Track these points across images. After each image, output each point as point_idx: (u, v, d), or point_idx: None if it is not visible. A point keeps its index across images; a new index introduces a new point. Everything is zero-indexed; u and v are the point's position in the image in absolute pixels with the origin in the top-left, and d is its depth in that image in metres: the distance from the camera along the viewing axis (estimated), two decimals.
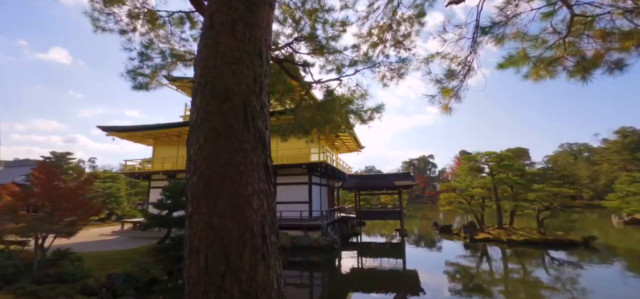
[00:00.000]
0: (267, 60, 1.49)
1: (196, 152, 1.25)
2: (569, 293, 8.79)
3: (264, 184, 1.26)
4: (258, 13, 1.47)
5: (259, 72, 1.39)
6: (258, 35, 1.44)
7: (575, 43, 3.21)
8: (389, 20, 4.83)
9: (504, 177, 18.54)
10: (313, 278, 11.67)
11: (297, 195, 17.50)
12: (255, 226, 1.15)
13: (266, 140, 1.34)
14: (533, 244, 15.76)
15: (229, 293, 1.04)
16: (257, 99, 1.34)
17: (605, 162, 51.20)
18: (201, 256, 1.10)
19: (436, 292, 9.16)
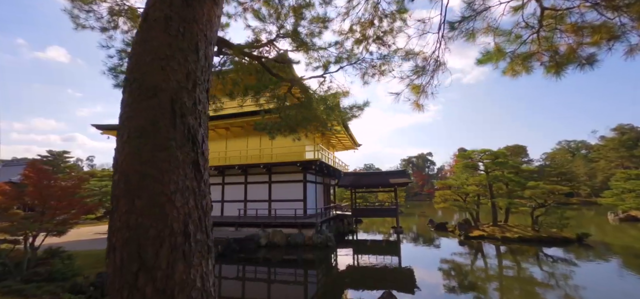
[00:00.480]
0: (206, 55, 1.47)
1: (119, 150, 1.23)
2: (560, 289, 8.81)
3: (191, 181, 1.24)
4: (196, 8, 1.45)
5: (193, 68, 1.37)
6: (195, 31, 1.41)
7: (550, 38, 3.19)
8: (370, 16, 4.80)
9: (498, 174, 18.56)
10: (307, 275, 11.68)
11: (291, 193, 17.50)
12: (176, 224, 1.14)
13: (198, 137, 1.32)
14: (527, 241, 15.81)
15: (142, 291, 1.03)
16: (188, 95, 1.32)
17: (603, 159, 51.34)
18: (117, 255, 1.09)
19: (427, 288, 9.18)
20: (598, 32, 2.64)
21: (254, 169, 18.23)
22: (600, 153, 53.07)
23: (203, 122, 1.37)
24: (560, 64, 3.24)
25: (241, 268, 12.46)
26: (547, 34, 3.21)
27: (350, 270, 12.01)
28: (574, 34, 2.88)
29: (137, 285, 1.03)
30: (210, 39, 1.50)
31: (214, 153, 19.35)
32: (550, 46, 3.11)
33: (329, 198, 23.59)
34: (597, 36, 2.62)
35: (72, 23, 5.20)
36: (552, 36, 3.10)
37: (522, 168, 19.18)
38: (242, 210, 18.19)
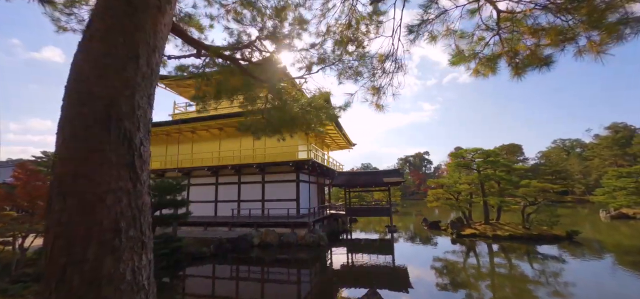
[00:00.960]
0: (149, 62, 1.55)
1: (56, 153, 1.31)
2: (546, 284, 8.96)
3: (126, 182, 1.32)
4: (139, 18, 1.53)
5: (133, 76, 1.45)
6: (136, 40, 1.50)
7: (514, 40, 3.29)
8: (347, 18, 4.90)
9: (490, 173, 18.73)
10: (298, 275, 11.78)
11: (285, 193, 17.59)
12: (107, 221, 1.22)
13: (135, 140, 1.40)
14: (517, 239, 15.99)
15: (69, 283, 1.11)
16: (126, 101, 1.40)
17: (597, 157, 51.80)
18: (49, 250, 1.18)
19: (416, 285, 9.30)
20: (550, 35, 2.75)
21: (247, 169, 18.30)
22: (594, 151, 53.55)
23: (142, 126, 1.46)
24: (521, 66, 3.36)
25: (233, 267, 12.52)
26: (510, 36, 3.32)
27: (343, 269, 12.11)
28: (531, 36, 2.99)
29: (65, 277, 1.12)
30: (154, 47, 1.58)
31: (207, 153, 19.41)
32: (511, 49, 3.21)
33: (323, 198, 23.70)
34: (548, 38, 2.73)
35: (54, 26, 5.25)
36: (514, 38, 3.21)
37: (514, 167, 19.36)
38: (236, 210, 18.26)
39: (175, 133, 20.22)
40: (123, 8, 1.50)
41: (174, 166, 19.90)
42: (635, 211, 24.14)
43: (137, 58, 1.48)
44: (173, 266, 11.68)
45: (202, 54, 4.69)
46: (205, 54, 4.53)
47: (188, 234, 16.03)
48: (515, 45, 3.13)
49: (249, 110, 6.43)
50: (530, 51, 3.14)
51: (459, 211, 19.21)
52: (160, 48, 1.64)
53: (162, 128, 19.38)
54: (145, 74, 1.51)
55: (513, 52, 3.20)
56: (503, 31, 3.09)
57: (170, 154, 20.73)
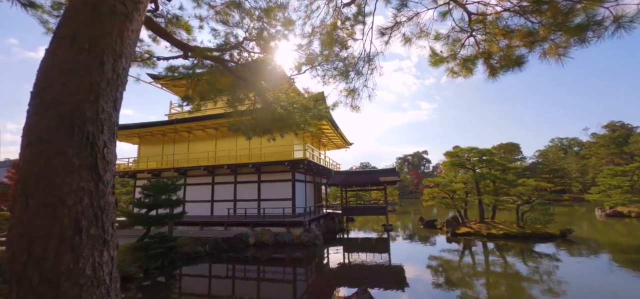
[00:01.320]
0: (115, 68, 1.61)
1: (20, 156, 1.38)
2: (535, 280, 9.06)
3: (88, 183, 1.39)
4: (106, 24, 1.59)
5: (97, 81, 1.52)
6: (101, 46, 1.56)
7: (486, 41, 3.36)
8: (333, 18, 4.96)
9: (485, 172, 18.83)
10: (291, 273, 11.85)
11: (280, 192, 17.67)
12: (67, 220, 1.29)
13: (98, 143, 1.47)
14: (511, 237, 16.08)
15: (29, 279, 1.18)
16: (91, 106, 1.47)
17: (594, 156, 51.97)
18: (11, 249, 1.25)
19: (410, 283, 9.39)
20: (520, 36, 2.82)
21: (243, 169, 18.36)
22: (591, 150, 53.75)
23: (106, 129, 1.52)
24: (496, 68, 3.43)
25: (228, 267, 12.58)
26: (483, 38, 3.39)
27: (338, 268, 12.19)
28: (503, 37, 3.06)
29: (25, 274, 1.19)
30: (121, 53, 1.65)
31: (203, 153, 19.46)
32: (485, 50, 3.28)
33: (320, 197, 23.78)
34: (517, 40, 2.80)
35: (43, 28, 5.31)
36: (487, 40, 3.28)
37: (508, 166, 19.46)
38: (232, 209, 18.32)
39: (171, 133, 20.26)
40: (89, 15, 1.56)
41: (170, 165, 19.95)
42: (630, 209, 24.30)
43: (103, 64, 1.55)
44: (168, 265, 11.74)
45: (189, 55, 4.75)
46: (192, 55, 4.59)
47: (184, 234, 16.10)
48: (490, 46, 3.20)
49: (237, 110, 6.51)
50: (503, 53, 3.22)
51: (455, 210, 19.31)
52: (127, 54, 1.71)
53: (158, 128, 19.42)
54: (110, 79, 1.57)
55: (488, 53, 3.27)
56: (477, 33, 3.16)
57: (167, 154, 20.77)
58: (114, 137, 1.62)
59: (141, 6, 1.82)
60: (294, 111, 5.10)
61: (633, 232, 18.97)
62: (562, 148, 66.77)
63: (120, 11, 1.66)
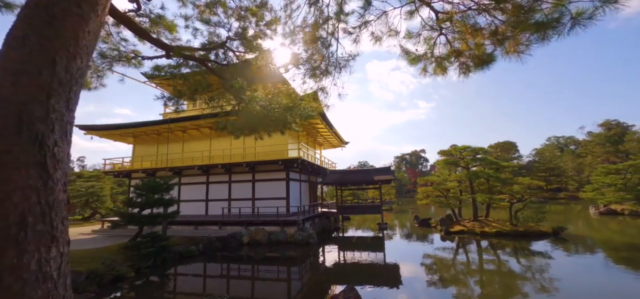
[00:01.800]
0: (68, 68, 1.65)
1: None
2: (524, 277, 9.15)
3: (35, 181, 1.43)
4: (59, 25, 1.63)
5: (48, 81, 1.55)
6: (54, 47, 1.59)
7: (454, 40, 3.41)
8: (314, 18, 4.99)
9: (479, 170, 18.93)
10: (282, 272, 11.89)
11: (274, 191, 17.70)
12: (12, 216, 1.33)
13: (48, 141, 1.51)
14: (504, 235, 16.20)
15: None
16: (41, 106, 1.50)
17: (590, 154, 52.22)
18: None
19: (402, 280, 9.46)
20: (484, 35, 2.87)
21: (237, 168, 18.38)
22: (587, 149, 54.03)
23: (58, 129, 1.56)
24: (469, 66, 3.48)
25: (221, 266, 12.61)
26: (453, 37, 3.43)
27: (331, 266, 12.25)
28: (471, 36, 3.10)
29: None
30: (75, 53, 1.68)
31: (198, 153, 19.46)
32: (456, 50, 3.33)
33: (315, 196, 23.83)
34: (481, 39, 2.85)
35: None
36: (456, 38, 3.32)
37: (502, 164, 19.55)
38: (226, 209, 18.34)
39: (166, 132, 20.25)
40: (42, 17, 1.60)
41: (165, 165, 19.94)
42: (624, 207, 24.48)
43: (54, 64, 1.58)
44: (160, 264, 11.76)
45: (170, 54, 4.78)
46: (173, 55, 4.62)
47: (179, 233, 16.12)
48: (461, 45, 3.25)
49: (223, 110, 6.54)
50: (473, 51, 3.26)
51: (449, 209, 19.42)
52: (83, 54, 1.74)
53: (152, 127, 19.40)
54: (62, 79, 1.61)
55: (459, 52, 3.32)
56: (446, 31, 3.21)
57: (162, 154, 20.76)
58: (67, 136, 1.66)
59: (99, 7, 1.85)
60: (273, 110, 5.13)
61: (625, 229, 19.13)
62: (559, 147, 67.09)
63: (75, 12, 1.70)
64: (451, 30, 3.13)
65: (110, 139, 21.63)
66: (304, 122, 19.55)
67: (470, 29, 2.99)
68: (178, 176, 19.75)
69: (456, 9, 2.90)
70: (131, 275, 10.33)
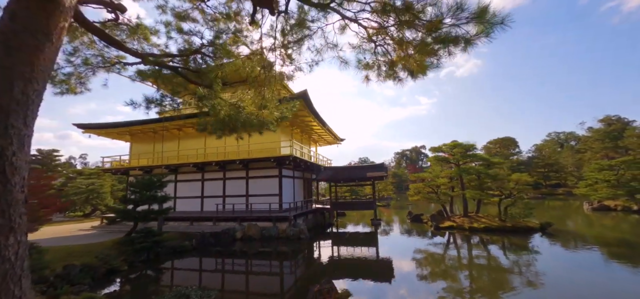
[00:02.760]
0: (24, 91, 1.98)
1: None
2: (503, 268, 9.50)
3: None
4: (17, 55, 1.97)
5: (7, 103, 1.90)
6: (12, 74, 1.94)
7: (394, 50, 3.73)
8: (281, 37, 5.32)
9: (469, 167, 19.20)
10: (269, 265, 12.32)
11: (268, 188, 18.11)
12: None
13: (7, 153, 1.86)
14: (492, 231, 16.52)
15: None
16: (0, 123, 1.86)
17: (589, 150, 52.11)
18: None
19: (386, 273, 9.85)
20: (409, 46, 3.19)
21: (231, 165, 18.79)
22: (587, 144, 53.88)
23: (16, 141, 1.92)
24: (412, 71, 3.80)
25: (213, 260, 13.04)
26: (389, 48, 3.75)
27: (318, 260, 12.67)
28: (399, 47, 3.42)
29: None
30: (31, 78, 2.03)
31: (193, 150, 19.88)
32: (391, 59, 3.65)
33: (310, 192, 24.22)
34: (410, 49, 3.17)
35: None
36: (393, 48, 3.64)
37: (493, 160, 19.81)
38: (221, 205, 18.79)
39: (162, 131, 20.69)
40: (1, 49, 1.95)
41: (161, 162, 20.41)
42: (616, 203, 24.65)
43: (12, 89, 1.94)
44: (154, 259, 12.23)
45: (145, 62, 5.13)
46: (144, 62, 4.98)
47: (175, 229, 16.61)
48: (396, 55, 3.57)
49: (201, 112, 6.90)
50: (405, 61, 3.59)
51: (440, 204, 19.74)
52: (39, 78, 2.09)
53: (149, 126, 19.83)
54: (20, 100, 1.96)
55: (392, 62, 3.64)
56: (380, 43, 3.52)
57: (158, 151, 21.23)
58: (25, 147, 2.01)
59: (54, 36, 2.19)
60: (241, 111, 5.48)
61: (614, 224, 19.36)
62: (559, 142, 66.90)
63: (31, 43, 2.04)
64: (383, 42, 3.44)
65: (108, 137, 22.13)
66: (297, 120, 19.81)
67: (398, 41, 3.31)
68: (174, 173, 20.21)
69: (378, 26, 3.22)
70: (124, 269, 10.79)
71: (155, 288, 9.57)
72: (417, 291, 8.34)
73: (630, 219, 21.04)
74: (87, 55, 6.07)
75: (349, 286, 8.58)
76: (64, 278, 8.88)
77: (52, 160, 36.99)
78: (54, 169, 35.27)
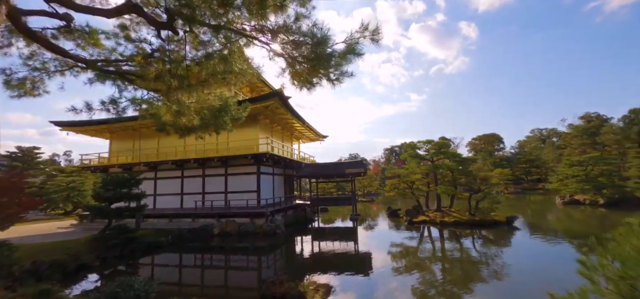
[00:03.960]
0: None
1: None
2: (460, 258, 10.13)
3: None
4: None
5: None
6: None
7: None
8: None
9: (443, 163, 19.89)
10: (241, 260, 12.73)
11: (246, 184, 18.42)
12: None
13: None
14: (461, 224, 17.26)
15: None
16: None
17: (568, 146, 53.81)
18: None
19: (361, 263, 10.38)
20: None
21: (211, 163, 19.03)
22: (566, 141, 55.59)
23: None
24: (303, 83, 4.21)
25: (187, 256, 13.33)
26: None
27: (291, 253, 13.15)
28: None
29: None
30: None
31: (171, 148, 20.03)
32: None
33: (292, 189, 24.63)
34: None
35: None
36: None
37: (465, 157, 20.54)
38: (200, 202, 19.05)
39: (141, 128, 20.73)
40: None
41: (141, 160, 20.49)
42: (585, 197, 25.81)
43: None
44: (128, 255, 12.46)
45: (90, 67, 5.43)
46: (87, 67, 5.29)
47: (153, 226, 16.80)
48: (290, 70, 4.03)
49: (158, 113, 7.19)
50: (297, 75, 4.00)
51: (415, 200, 20.42)
52: None
53: (128, 123, 19.86)
54: None
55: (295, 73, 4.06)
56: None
57: (138, 149, 21.28)
58: None
59: None
60: (180, 117, 5.83)
61: (579, 217, 20.39)
62: (542, 138, 68.73)
63: None
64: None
65: (87, 135, 22.03)
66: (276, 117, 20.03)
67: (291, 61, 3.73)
68: (154, 171, 20.34)
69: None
70: (96, 265, 11.04)
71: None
72: (380, 278, 8.89)
73: (597, 213, 22.15)
74: (45, 59, 6.31)
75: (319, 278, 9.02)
76: (31, 274, 9.11)
77: (33, 158, 36.43)
78: (36, 167, 34.78)
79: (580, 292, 2.33)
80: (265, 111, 18.48)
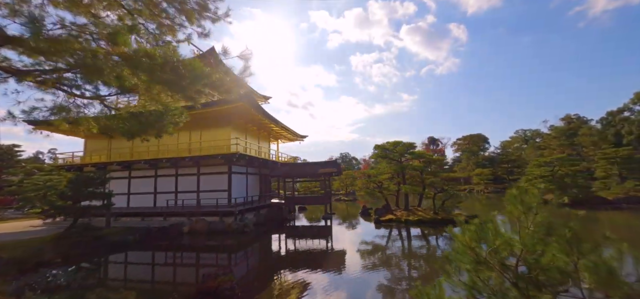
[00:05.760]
0: None
1: None
2: (416, 252, 10.78)
3: None
4: None
5: None
6: None
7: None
8: None
9: (411, 164, 20.60)
10: (199, 257, 13.20)
11: (218, 184, 18.84)
12: None
13: None
14: (425, 223, 17.98)
15: None
16: None
17: (548, 148, 55.33)
18: None
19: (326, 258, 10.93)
20: None
21: (183, 162, 19.39)
22: (546, 141, 57.10)
23: None
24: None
25: (152, 254, 13.70)
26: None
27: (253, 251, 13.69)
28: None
29: None
30: None
31: (145, 148, 20.32)
32: None
33: (267, 188, 25.11)
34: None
35: None
36: None
37: (432, 158, 21.28)
38: (172, 201, 19.42)
39: None
40: None
41: (115, 159, 20.74)
42: (551, 197, 26.86)
43: None
44: (91, 253, 12.82)
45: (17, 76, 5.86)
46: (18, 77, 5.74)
47: (125, 224, 17.12)
48: None
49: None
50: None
51: (384, 199, 21.11)
52: None
53: None
54: None
55: None
56: None
57: (114, 148, 21.51)
58: None
59: None
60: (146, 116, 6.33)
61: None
62: (525, 139, 70.31)
63: None
64: None
65: (62, 133, 22.13)
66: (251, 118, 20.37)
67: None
68: (128, 170, 20.62)
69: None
70: (57, 261, 11.40)
71: (81, 280, 10.29)
72: (335, 267, 9.47)
73: (562, 212, 23.11)
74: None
75: (268, 272, 9.56)
76: None
77: (12, 155, 36.19)
78: (15, 165, 34.56)
79: (438, 283, 2.77)
80: (237, 111, 18.88)
